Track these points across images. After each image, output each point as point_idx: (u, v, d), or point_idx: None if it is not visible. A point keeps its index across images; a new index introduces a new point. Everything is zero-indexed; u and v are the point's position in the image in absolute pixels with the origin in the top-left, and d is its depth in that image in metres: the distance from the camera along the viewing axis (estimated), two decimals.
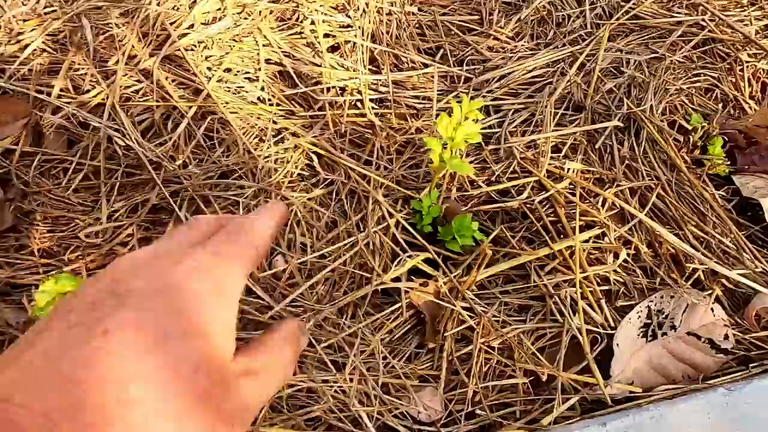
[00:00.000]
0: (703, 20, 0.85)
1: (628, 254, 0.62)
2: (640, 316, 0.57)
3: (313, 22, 0.71)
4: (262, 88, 0.69)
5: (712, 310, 0.59)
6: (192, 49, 0.68)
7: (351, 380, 0.51)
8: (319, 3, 0.73)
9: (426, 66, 0.75)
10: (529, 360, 0.55)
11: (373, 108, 0.72)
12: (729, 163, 0.78)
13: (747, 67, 0.84)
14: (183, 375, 0.22)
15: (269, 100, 0.69)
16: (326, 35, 0.74)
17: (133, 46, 0.68)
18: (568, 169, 0.68)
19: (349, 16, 0.73)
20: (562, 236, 0.63)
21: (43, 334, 0.23)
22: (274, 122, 0.67)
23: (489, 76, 0.76)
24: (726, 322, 0.59)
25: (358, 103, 0.71)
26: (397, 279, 0.59)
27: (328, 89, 0.71)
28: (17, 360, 0.22)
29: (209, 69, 0.69)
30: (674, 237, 0.61)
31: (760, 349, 0.60)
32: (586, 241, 0.63)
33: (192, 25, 0.68)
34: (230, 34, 0.69)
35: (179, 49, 0.66)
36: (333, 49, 0.74)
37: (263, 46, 0.69)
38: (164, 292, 0.24)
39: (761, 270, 0.62)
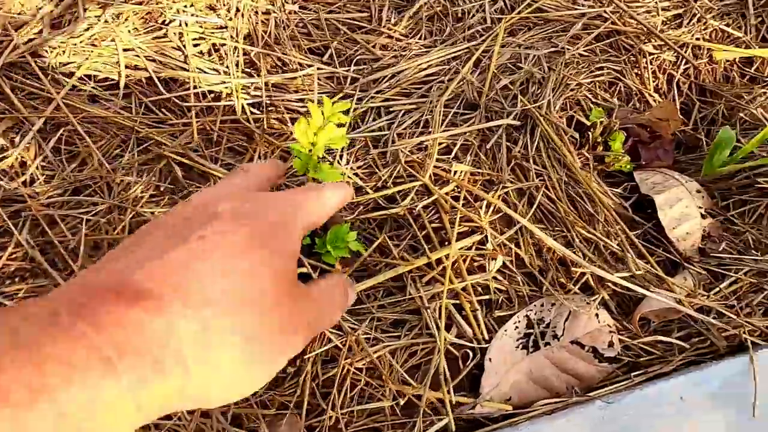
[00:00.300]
0: (606, 12, 0.82)
1: (511, 261, 0.58)
2: (518, 327, 0.54)
3: (181, 24, 0.67)
4: (125, 96, 0.64)
5: (596, 315, 0.56)
6: (42, 56, 0.62)
7: (190, 415, 0.46)
8: (189, 2, 0.69)
9: (309, 67, 0.70)
10: (398, 380, 0.51)
11: (252, 113, 0.67)
12: (633, 158, 0.76)
13: (652, 59, 0.81)
14: (266, 278, 0.27)
15: (133, 108, 0.64)
16: (197, 38, 0.69)
17: None
18: (455, 171, 0.64)
19: (222, 17, 0.68)
20: (446, 243, 0.60)
21: (144, 238, 0.28)
22: (137, 131, 0.62)
23: (379, 75, 0.72)
24: (612, 328, 0.56)
25: (235, 109, 0.67)
26: None
27: (201, 95, 0.66)
28: (125, 254, 0.27)
29: (65, 76, 0.63)
30: (553, 241, 0.58)
31: (650, 354, 0.57)
32: (470, 248, 0.59)
33: (41, 30, 0.63)
34: (87, 39, 0.64)
35: (25, 56, 0.61)
36: (205, 52, 0.70)
37: (124, 50, 0.64)
38: (249, 215, 0.29)
39: (647, 271, 0.59)
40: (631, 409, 0.51)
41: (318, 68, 0.70)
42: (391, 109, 0.70)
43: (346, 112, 0.67)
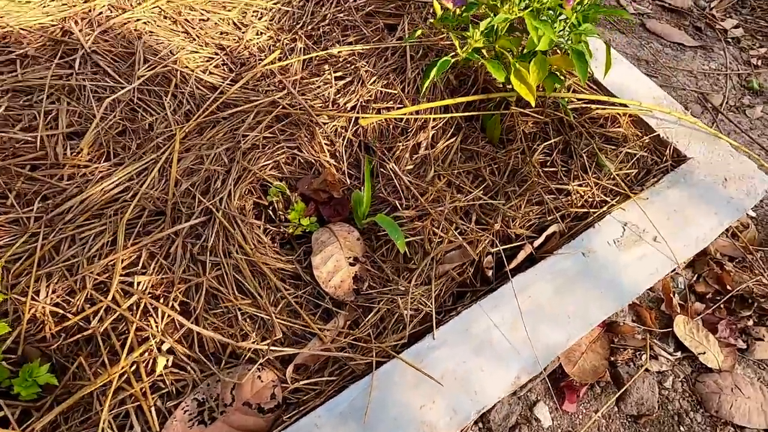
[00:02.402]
0: (279, 99, 0.97)
1: (184, 354, 0.71)
2: (187, 410, 0.67)
3: None
4: None
5: (259, 377, 0.71)
6: None
7: None
8: None
9: None
10: None
11: None
12: (319, 218, 0.92)
13: (326, 128, 0.98)
14: None
15: None
16: None
17: None
18: (138, 283, 0.75)
19: None
20: (129, 352, 0.70)
21: None
22: None
23: (66, 206, 0.80)
24: (276, 382, 0.71)
25: None
26: None
27: None
28: None
29: None
30: (210, 332, 0.71)
31: (310, 392, 0.73)
32: (147, 352, 0.71)
33: None
34: None
35: None
36: None
37: None
38: None
39: (304, 326, 0.75)
40: None
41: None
42: (81, 236, 0.79)
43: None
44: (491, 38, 0.82)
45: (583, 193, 0.92)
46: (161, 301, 0.73)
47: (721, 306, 1.11)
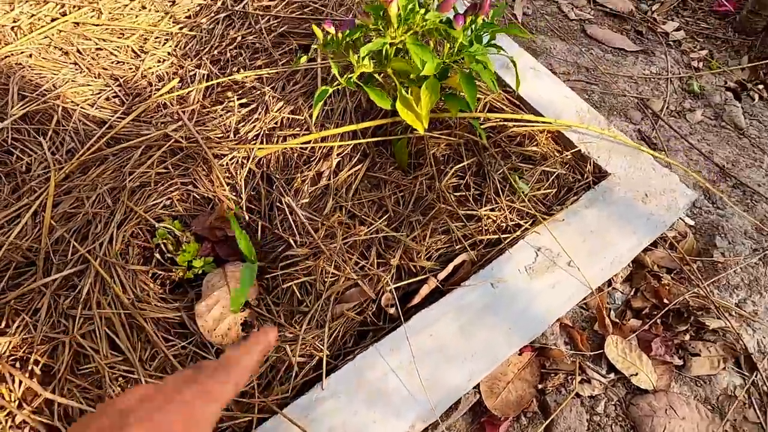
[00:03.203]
0: (172, 131, 0.92)
1: (34, 428, 0.65)
2: None
3: None
4: None
5: None
6: None
7: None
8: None
9: None
10: None
11: None
12: (213, 259, 0.86)
13: (226, 161, 0.92)
14: None
15: None
16: None
17: None
18: None
19: None
20: None
21: None
22: None
23: None
24: None
25: None
26: None
27: None
28: None
29: None
30: (55, 395, 0.65)
31: None
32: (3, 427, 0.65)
33: None
34: None
35: None
36: None
37: None
38: (160, 423, 0.35)
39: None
40: None
41: None
42: None
43: None
44: (382, 62, 0.77)
45: (495, 218, 0.87)
46: (18, 366, 0.67)
47: (658, 321, 1.07)
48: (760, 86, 1.54)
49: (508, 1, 1.73)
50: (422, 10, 0.69)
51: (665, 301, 1.08)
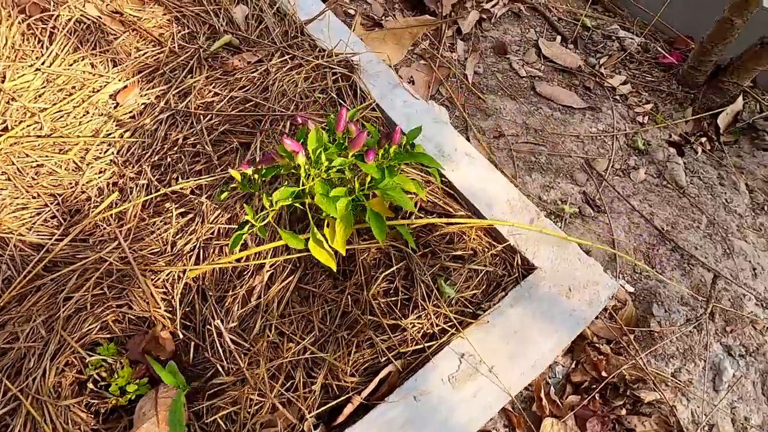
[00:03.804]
0: (107, 254, 0.95)
1: None
2: None
3: None
4: None
5: None
6: None
7: None
8: None
9: None
10: None
11: None
12: (148, 380, 0.89)
13: (162, 277, 0.95)
14: None
15: None
16: None
17: None
18: None
19: None
20: None
21: None
22: None
23: None
24: None
25: None
26: None
27: None
28: None
29: None
30: None
31: None
32: None
33: None
34: None
35: None
36: None
37: None
38: None
39: None
40: None
41: None
42: None
43: None
44: (303, 198, 0.81)
45: (421, 326, 0.91)
46: None
47: (596, 396, 1.10)
48: (703, 139, 1.58)
49: (461, 61, 1.77)
50: (327, 162, 0.73)
51: (603, 374, 1.11)
